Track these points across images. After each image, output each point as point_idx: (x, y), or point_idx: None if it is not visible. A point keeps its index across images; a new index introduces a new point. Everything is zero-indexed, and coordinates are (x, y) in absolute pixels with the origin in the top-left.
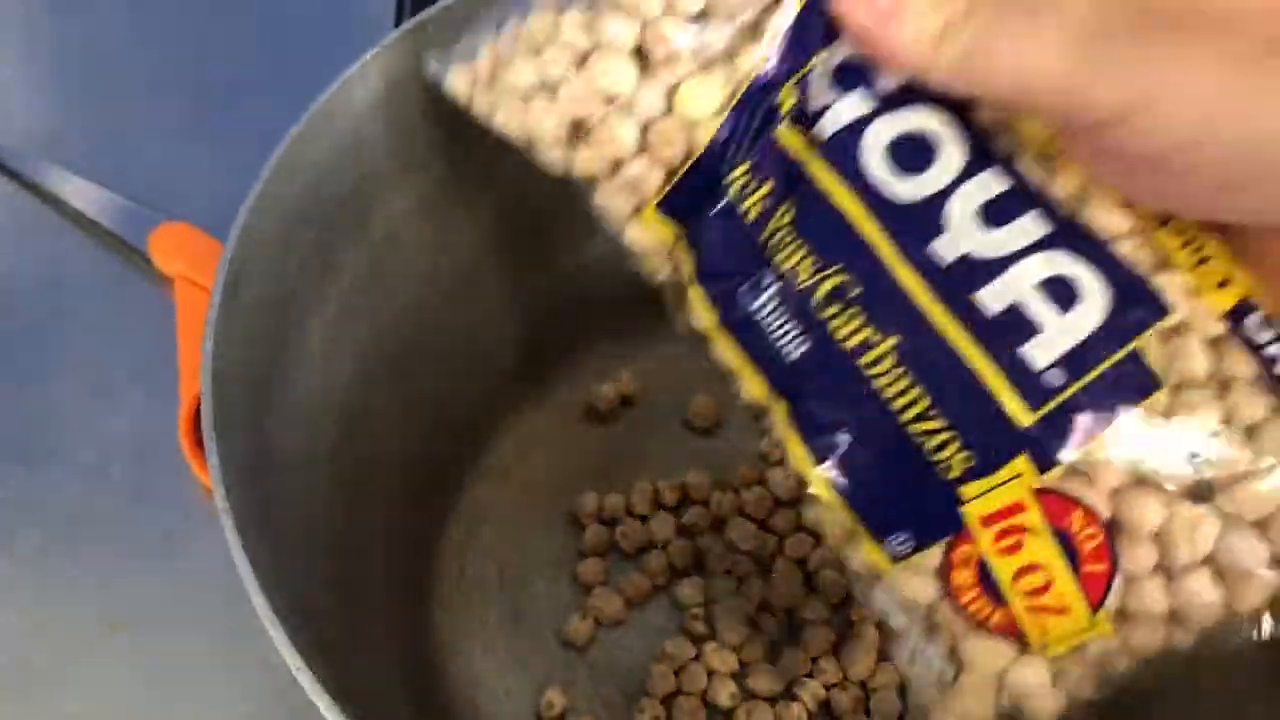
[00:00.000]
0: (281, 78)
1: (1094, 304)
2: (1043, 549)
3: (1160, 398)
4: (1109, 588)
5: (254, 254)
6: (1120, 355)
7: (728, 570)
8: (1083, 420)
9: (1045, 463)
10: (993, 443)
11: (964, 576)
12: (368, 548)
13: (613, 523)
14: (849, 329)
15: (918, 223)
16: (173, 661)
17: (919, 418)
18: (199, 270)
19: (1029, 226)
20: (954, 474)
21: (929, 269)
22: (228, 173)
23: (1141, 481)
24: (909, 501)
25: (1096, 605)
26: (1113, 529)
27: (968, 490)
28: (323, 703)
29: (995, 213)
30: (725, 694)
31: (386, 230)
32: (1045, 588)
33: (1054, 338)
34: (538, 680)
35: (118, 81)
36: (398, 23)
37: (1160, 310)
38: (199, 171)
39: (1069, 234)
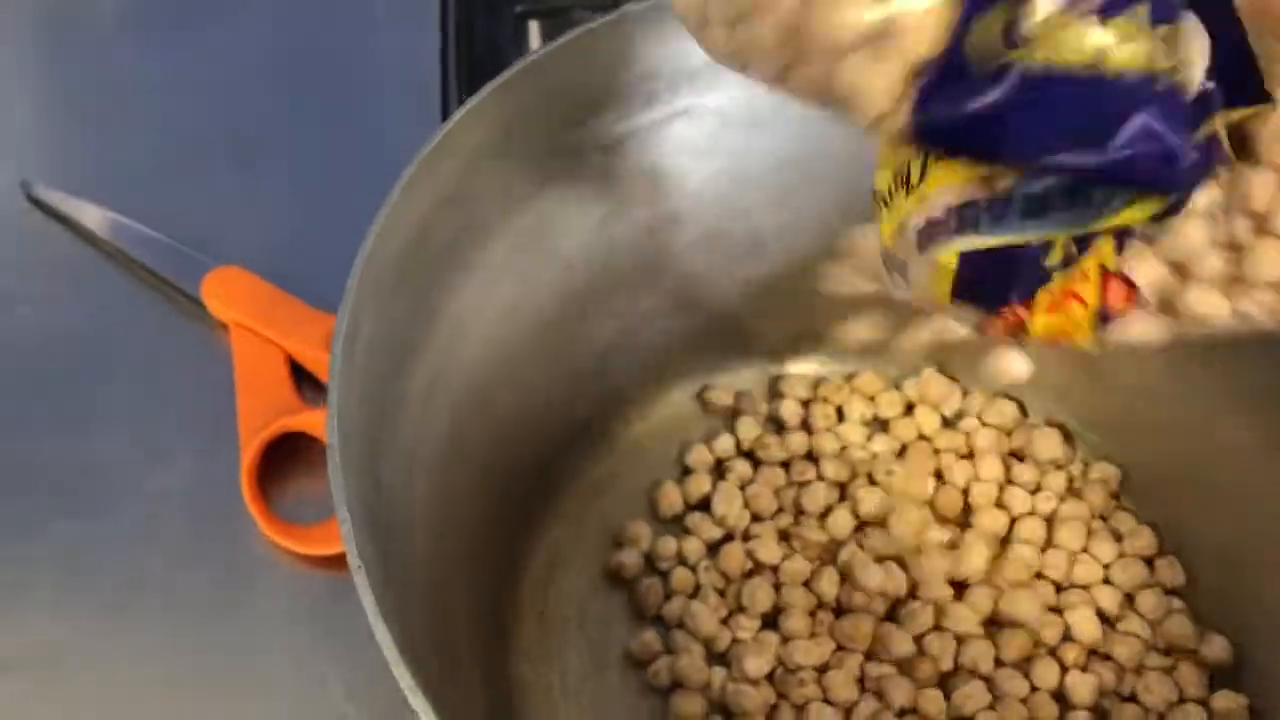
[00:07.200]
0: (325, 123)
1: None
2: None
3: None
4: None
5: (367, 303)
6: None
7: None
8: None
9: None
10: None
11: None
12: (454, 591)
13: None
14: None
15: None
16: None
17: None
18: (256, 316)
19: None
20: None
21: None
22: (276, 215)
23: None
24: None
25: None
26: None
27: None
28: None
29: None
30: None
31: (480, 276)
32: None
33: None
34: None
35: (164, 124)
36: (443, 70)
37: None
38: (248, 215)
39: None
